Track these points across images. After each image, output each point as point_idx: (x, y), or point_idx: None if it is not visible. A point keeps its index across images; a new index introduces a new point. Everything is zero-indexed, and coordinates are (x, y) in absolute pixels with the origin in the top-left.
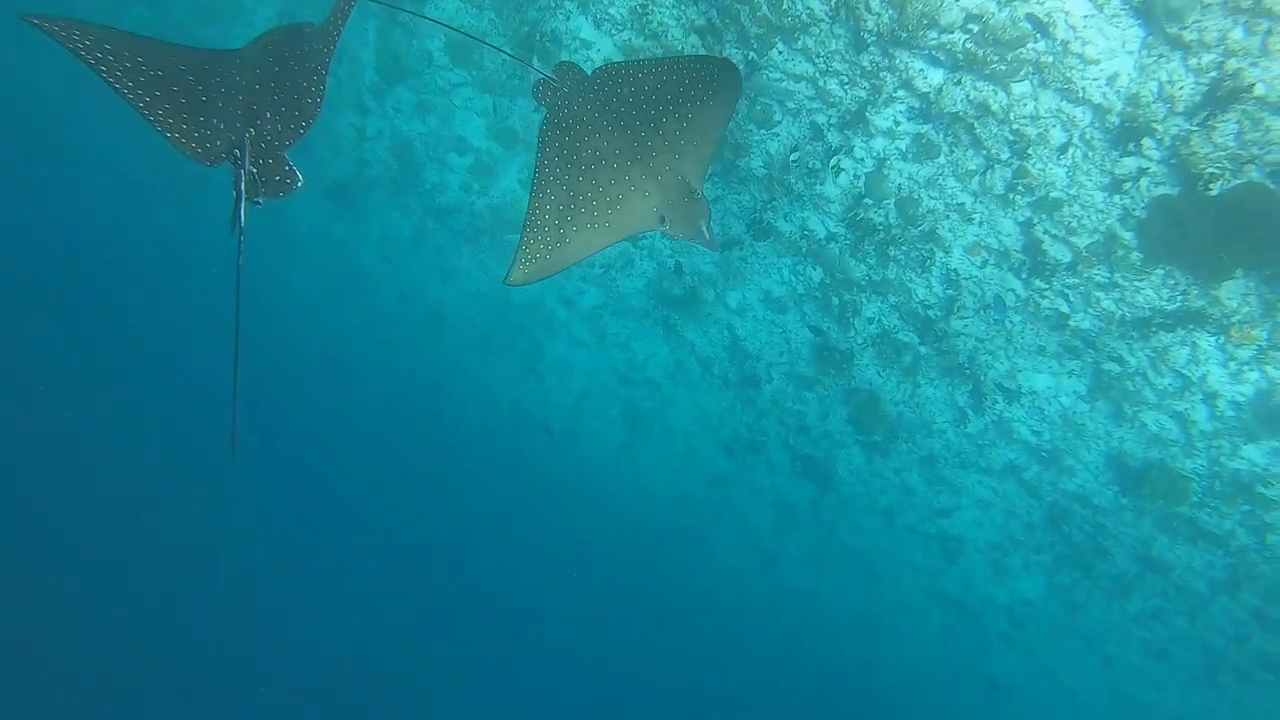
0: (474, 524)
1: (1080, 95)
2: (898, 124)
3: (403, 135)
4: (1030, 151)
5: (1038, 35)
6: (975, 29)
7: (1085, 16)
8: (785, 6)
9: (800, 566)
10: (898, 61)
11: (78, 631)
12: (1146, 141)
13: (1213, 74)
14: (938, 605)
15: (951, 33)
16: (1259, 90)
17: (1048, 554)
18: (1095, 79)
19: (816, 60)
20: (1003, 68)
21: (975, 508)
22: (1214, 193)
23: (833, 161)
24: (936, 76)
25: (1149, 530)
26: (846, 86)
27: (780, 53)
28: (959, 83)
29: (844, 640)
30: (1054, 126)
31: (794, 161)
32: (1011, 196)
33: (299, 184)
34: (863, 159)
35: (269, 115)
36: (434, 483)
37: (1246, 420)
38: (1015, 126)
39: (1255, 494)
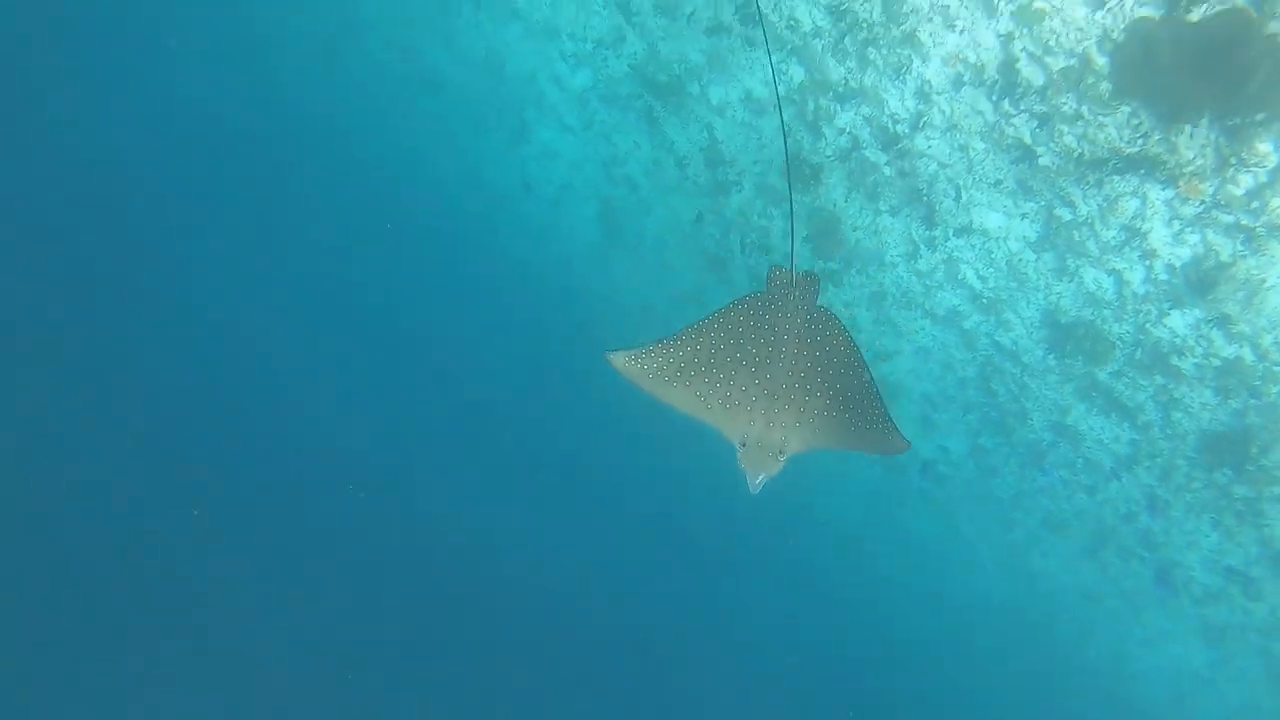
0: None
1: None
2: None
3: None
4: None
5: None
6: None
7: None
8: None
9: None
10: None
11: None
12: None
13: None
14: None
15: None
16: None
17: (975, 414)
18: None
19: None
20: None
21: (915, 355)
22: (1194, 19)
23: None
24: None
25: (1069, 398)
26: None
27: None
28: None
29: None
30: None
31: None
32: (996, 3)
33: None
34: None
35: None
36: (411, 255)
37: (1177, 285)
38: None
39: (1170, 366)
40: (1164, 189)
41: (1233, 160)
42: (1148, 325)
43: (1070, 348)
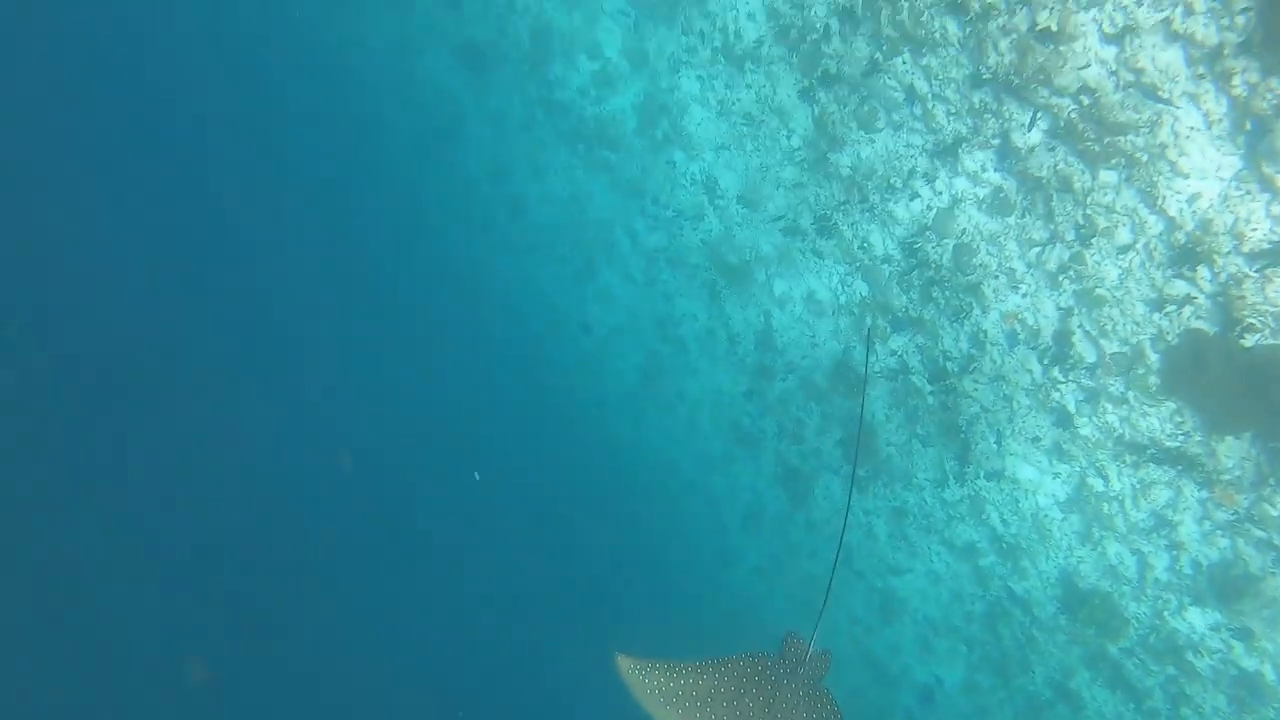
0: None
1: (1159, 203)
2: (984, 170)
3: (546, 19)
4: (1094, 241)
5: (1142, 129)
6: (1085, 101)
7: (1192, 128)
8: (925, 19)
9: (752, 572)
10: (1004, 109)
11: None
12: (1202, 270)
13: None
14: (860, 660)
15: (1062, 97)
16: None
17: (977, 651)
18: (1178, 192)
19: (933, 82)
20: (1097, 149)
21: (926, 577)
22: (1247, 344)
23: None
24: (1035, 136)
25: (1075, 661)
26: (951, 117)
27: (904, 62)
28: (1052, 149)
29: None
30: (1124, 225)
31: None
32: (1061, 279)
33: None
34: (941, 193)
35: None
36: (459, 355)
37: (1201, 584)
38: (1089, 212)
39: (1184, 660)
40: (1200, 489)
41: (1271, 480)
42: (1166, 613)
43: (1084, 614)
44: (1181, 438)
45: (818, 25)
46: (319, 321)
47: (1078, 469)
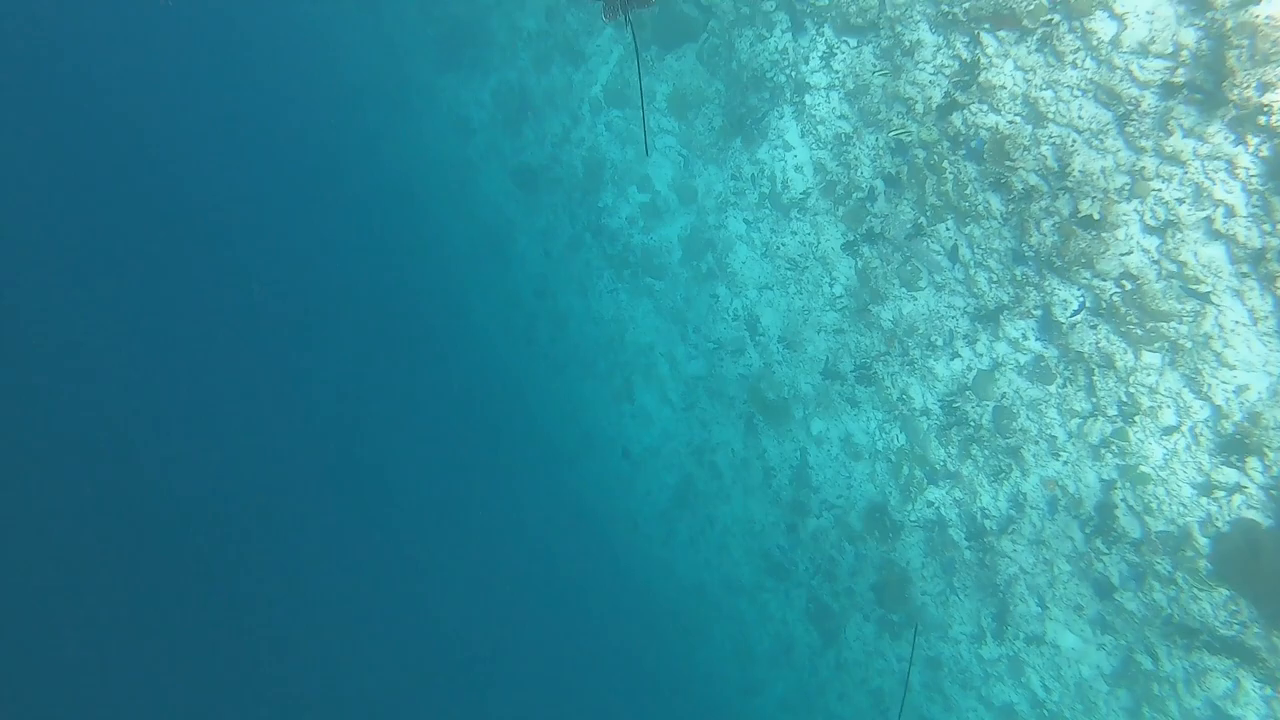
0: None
1: (1204, 390)
2: (1025, 338)
3: (600, 152)
4: (1137, 420)
5: (1185, 319)
6: (1128, 287)
7: (1238, 323)
8: (969, 192)
9: (777, 707)
10: (1047, 284)
11: None
12: (1253, 462)
13: None
14: None
15: (1105, 280)
16: None
17: None
18: (1225, 383)
19: (976, 250)
20: (1139, 332)
21: None
22: None
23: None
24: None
25: None
26: (993, 285)
27: (947, 229)
28: (1095, 327)
29: None
30: (1168, 407)
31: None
32: (1103, 452)
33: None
34: (981, 355)
35: None
36: (489, 460)
37: None
38: (1131, 390)
39: None
40: (1261, 686)
41: None
42: None
43: None
44: (1238, 628)
45: (863, 185)
46: (362, 421)
47: (1124, 643)
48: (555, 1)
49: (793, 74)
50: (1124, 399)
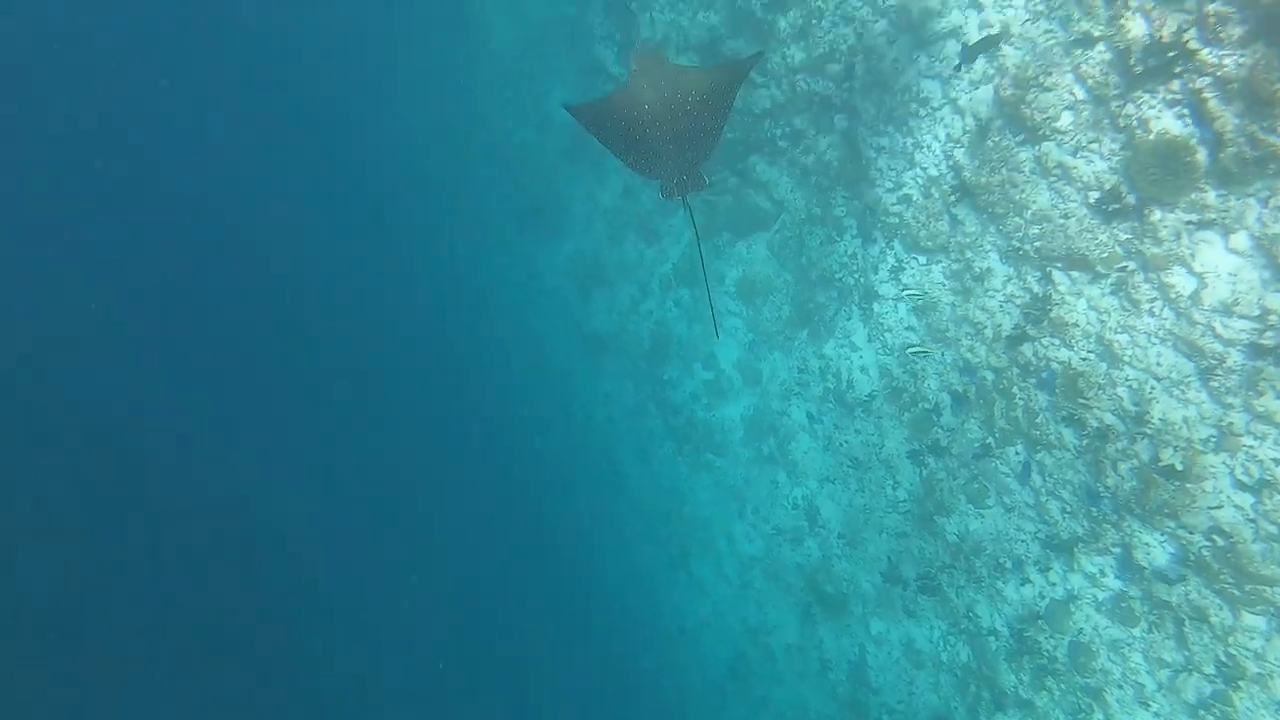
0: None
1: None
2: (1103, 574)
3: (668, 326)
4: (1242, 685)
5: None
6: (1219, 542)
7: None
8: (1040, 421)
9: None
10: (1125, 525)
11: None
12: None
13: None
14: None
15: (1191, 533)
16: None
17: None
18: None
19: (1048, 479)
20: (1237, 593)
21: None
22: None
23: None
24: (1161, 557)
25: None
26: (1067, 516)
27: (1017, 453)
28: (1184, 579)
29: None
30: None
31: (983, 551)
32: (1203, 714)
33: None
34: (1055, 585)
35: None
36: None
37: None
38: (1232, 652)
39: None
40: None
41: None
42: None
43: None
44: None
45: (930, 398)
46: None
47: None
48: (631, 181)
49: (861, 279)
50: (1224, 659)
